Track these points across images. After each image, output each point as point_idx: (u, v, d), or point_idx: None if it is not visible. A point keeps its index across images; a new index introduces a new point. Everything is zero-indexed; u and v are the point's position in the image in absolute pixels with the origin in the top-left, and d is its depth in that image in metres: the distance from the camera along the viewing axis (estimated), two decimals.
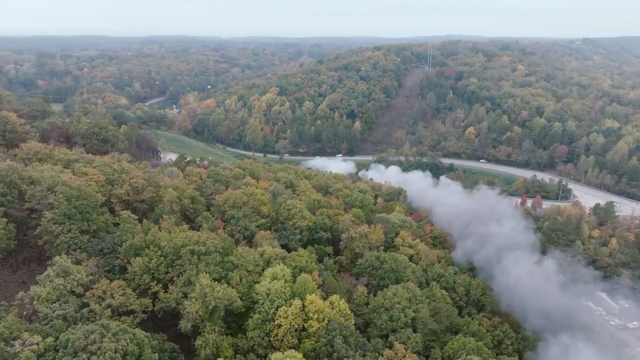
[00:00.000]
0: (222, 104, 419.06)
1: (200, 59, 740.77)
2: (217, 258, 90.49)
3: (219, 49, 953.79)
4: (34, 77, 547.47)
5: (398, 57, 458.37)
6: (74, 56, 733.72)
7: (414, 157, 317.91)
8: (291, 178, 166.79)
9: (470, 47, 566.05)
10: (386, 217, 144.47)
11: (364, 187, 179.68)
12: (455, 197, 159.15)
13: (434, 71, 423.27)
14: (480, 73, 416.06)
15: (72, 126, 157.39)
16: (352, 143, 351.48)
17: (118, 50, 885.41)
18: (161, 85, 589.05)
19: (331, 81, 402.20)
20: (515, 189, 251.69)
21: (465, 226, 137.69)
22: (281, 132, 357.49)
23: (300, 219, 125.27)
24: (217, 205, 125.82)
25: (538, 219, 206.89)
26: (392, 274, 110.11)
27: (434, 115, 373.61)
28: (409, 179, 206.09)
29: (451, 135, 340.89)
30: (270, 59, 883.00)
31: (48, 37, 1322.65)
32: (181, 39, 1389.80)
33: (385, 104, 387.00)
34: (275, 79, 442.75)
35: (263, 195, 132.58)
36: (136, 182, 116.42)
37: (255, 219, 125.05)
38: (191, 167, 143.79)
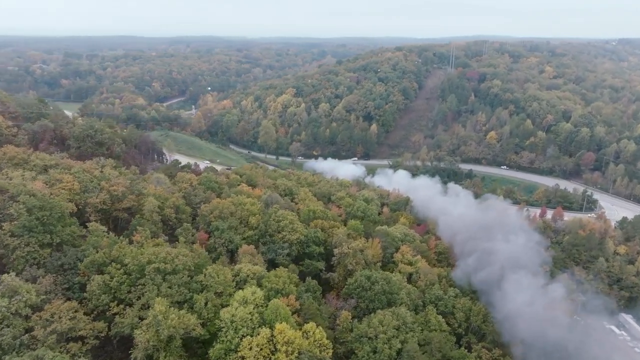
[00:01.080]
0: (238, 104, 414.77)
1: (222, 59, 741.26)
2: (184, 278, 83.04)
3: (242, 49, 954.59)
4: (58, 77, 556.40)
5: (419, 58, 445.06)
6: (100, 56, 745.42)
7: (431, 162, 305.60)
8: (290, 185, 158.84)
9: (497, 48, 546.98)
10: (386, 230, 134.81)
11: (369, 196, 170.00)
12: (461, 206, 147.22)
13: (455, 72, 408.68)
14: (505, 75, 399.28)
15: (66, 128, 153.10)
16: (367, 146, 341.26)
17: (144, 50, 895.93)
18: (181, 85, 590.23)
19: (349, 82, 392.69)
20: (536, 198, 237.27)
21: (468, 241, 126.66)
22: (296, 134, 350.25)
23: (290, 232, 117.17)
24: (203, 216, 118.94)
25: (558, 233, 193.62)
26: (384, 296, 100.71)
27: (454, 118, 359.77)
28: (417, 185, 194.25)
29: (471, 139, 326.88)
30: (293, 59, 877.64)
31: (80, 37, 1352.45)
32: (208, 39, 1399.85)
33: (404, 106, 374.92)
34: (293, 80, 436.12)
35: (253, 205, 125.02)
36: (116, 190, 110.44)
37: (243, 230, 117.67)
38: (182, 173, 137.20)
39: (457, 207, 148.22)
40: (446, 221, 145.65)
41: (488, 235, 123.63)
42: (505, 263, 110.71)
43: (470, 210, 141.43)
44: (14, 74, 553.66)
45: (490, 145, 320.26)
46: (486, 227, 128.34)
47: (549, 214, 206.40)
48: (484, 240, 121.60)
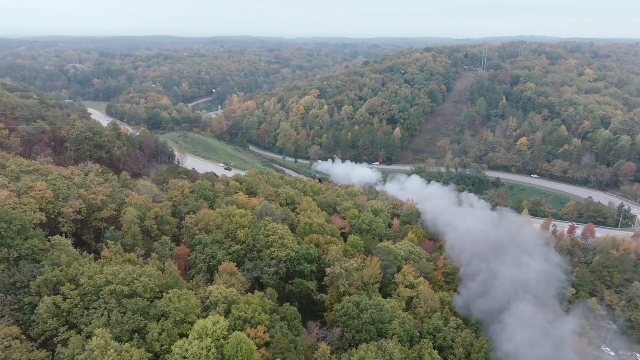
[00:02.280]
0: (261, 106, 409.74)
1: (252, 60, 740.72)
2: (143, 302, 75.34)
3: (274, 50, 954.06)
4: (90, 76, 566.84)
5: (449, 60, 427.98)
6: (133, 55, 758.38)
7: (456, 169, 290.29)
8: (293, 194, 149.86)
9: (534, 50, 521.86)
10: (388, 247, 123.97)
11: (378, 206, 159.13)
12: (470, 220, 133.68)
13: (487, 75, 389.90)
14: (540, 78, 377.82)
15: (64, 131, 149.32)
16: (390, 151, 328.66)
17: (178, 51, 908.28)
18: (209, 85, 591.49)
19: (374, 84, 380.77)
20: (566, 212, 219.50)
21: (473, 261, 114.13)
22: (317, 137, 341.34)
23: (280, 248, 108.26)
24: (187, 228, 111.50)
25: (588, 252, 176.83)
26: (373, 326, 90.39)
27: (483, 123, 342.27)
28: (427, 194, 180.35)
29: (500, 145, 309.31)
30: (324, 60, 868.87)
31: (123, 37, 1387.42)
32: (244, 39, 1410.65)
33: (430, 110, 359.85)
34: (317, 82, 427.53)
35: (243, 217, 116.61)
36: (95, 199, 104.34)
37: (229, 245, 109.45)
38: (175, 180, 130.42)
39: (467, 220, 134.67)
40: (453, 237, 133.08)
41: (497, 256, 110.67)
42: (512, 290, 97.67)
43: (481, 225, 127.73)
44: (49, 74, 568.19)
45: (521, 153, 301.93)
46: (496, 246, 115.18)
47: (579, 230, 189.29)
48: (492, 261, 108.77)
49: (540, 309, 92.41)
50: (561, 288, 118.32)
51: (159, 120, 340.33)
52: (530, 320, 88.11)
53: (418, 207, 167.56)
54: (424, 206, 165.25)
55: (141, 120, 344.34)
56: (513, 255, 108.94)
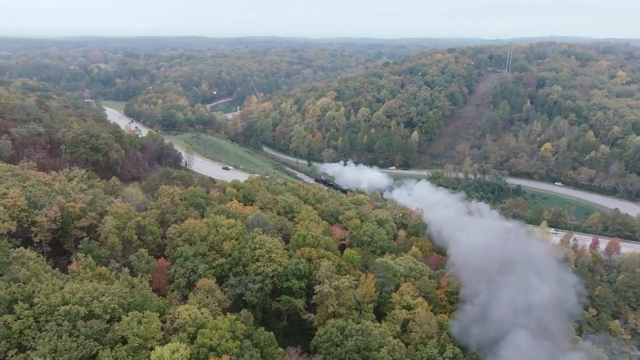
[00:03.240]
0: (278, 107, 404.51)
1: (273, 60, 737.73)
2: (99, 325, 69.35)
3: (298, 50, 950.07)
4: (113, 76, 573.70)
5: (472, 61, 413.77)
6: (157, 56, 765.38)
7: (475, 175, 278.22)
8: (291, 202, 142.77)
9: (563, 50, 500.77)
10: (387, 262, 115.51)
11: (383, 216, 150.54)
12: (475, 233, 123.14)
13: (511, 77, 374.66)
14: (567, 80, 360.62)
15: (59, 133, 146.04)
16: (407, 155, 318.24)
17: (204, 51, 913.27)
18: (229, 86, 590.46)
19: (392, 86, 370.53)
20: (590, 224, 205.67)
21: (473, 279, 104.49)
22: (332, 140, 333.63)
23: (266, 263, 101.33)
24: (170, 239, 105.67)
25: (611, 269, 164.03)
26: (358, 354, 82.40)
27: (505, 127, 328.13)
28: (434, 202, 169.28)
29: (523, 151, 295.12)
30: (347, 60, 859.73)
31: (149, 37, 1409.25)
32: (270, 39, 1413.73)
33: (450, 113, 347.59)
34: (335, 83, 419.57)
35: (231, 228, 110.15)
36: (73, 207, 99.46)
37: (213, 258, 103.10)
38: (165, 187, 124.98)
39: (471, 232, 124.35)
40: (455, 251, 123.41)
41: (501, 275, 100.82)
42: (513, 316, 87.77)
43: (486, 238, 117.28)
44: (73, 73, 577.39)
45: (545, 159, 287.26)
46: (500, 263, 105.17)
47: (603, 245, 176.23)
48: (494, 281, 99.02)
49: (543, 340, 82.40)
50: (574, 314, 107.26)
51: (173, 121, 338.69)
52: (528, 353, 78.25)
53: (424, 216, 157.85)
54: (429, 215, 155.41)
55: (156, 120, 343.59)
56: (519, 275, 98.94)
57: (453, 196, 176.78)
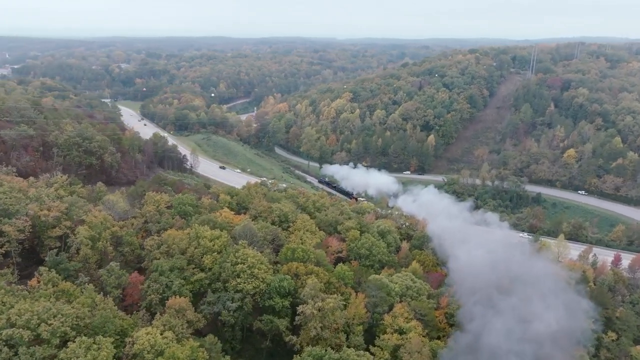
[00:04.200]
0: (293, 108, 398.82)
1: (293, 60, 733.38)
2: (45, 352, 63.61)
3: (319, 50, 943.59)
4: (133, 76, 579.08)
5: (494, 62, 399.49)
6: (178, 56, 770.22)
7: (492, 182, 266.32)
8: (287, 211, 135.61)
9: (592, 51, 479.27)
10: (381, 281, 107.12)
11: (385, 227, 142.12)
12: (476, 247, 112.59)
13: (534, 79, 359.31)
14: (595, 82, 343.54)
15: (52, 136, 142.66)
16: (423, 159, 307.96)
17: (226, 51, 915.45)
18: (247, 86, 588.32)
19: (409, 88, 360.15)
20: (613, 237, 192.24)
21: (469, 302, 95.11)
22: (346, 143, 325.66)
23: (247, 279, 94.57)
24: (147, 251, 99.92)
25: (635, 288, 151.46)
26: None
27: (527, 131, 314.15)
28: (439, 211, 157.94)
29: (545, 157, 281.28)
30: (369, 61, 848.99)
31: (174, 38, 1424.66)
32: (294, 40, 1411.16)
33: (469, 116, 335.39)
34: (352, 84, 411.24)
35: (215, 240, 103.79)
36: (46, 215, 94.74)
37: (192, 272, 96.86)
38: (151, 193, 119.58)
39: (471, 246, 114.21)
40: (454, 267, 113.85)
41: (500, 297, 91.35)
42: (508, 348, 78.32)
43: (488, 254, 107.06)
44: (95, 73, 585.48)
45: (567, 166, 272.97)
46: (500, 284, 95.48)
47: (626, 261, 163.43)
48: (491, 304, 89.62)
49: None
50: (586, 342, 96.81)
51: (186, 122, 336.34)
52: None
53: (426, 227, 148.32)
54: (432, 226, 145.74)
55: (169, 121, 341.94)
56: (520, 298, 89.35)
57: (460, 205, 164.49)
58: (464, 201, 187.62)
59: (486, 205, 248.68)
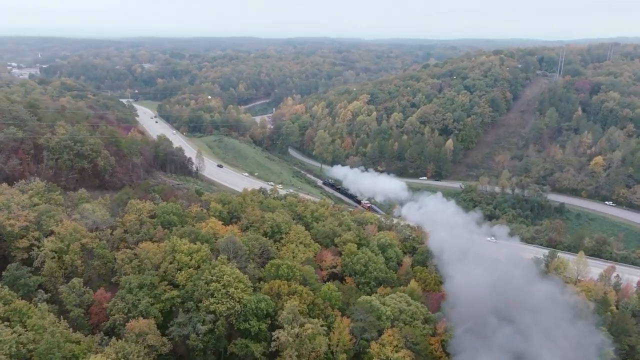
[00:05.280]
0: (309, 109, 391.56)
1: (315, 61, 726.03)
2: None
3: (343, 51, 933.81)
4: (155, 76, 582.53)
5: (519, 63, 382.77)
6: (201, 56, 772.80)
7: (512, 190, 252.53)
8: (280, 221, 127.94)
9: (626, 53, 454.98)
10: (371, 303, 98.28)
11: (386, 240, 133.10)
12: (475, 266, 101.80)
13: (562, 81, 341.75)
14: (628, 86, 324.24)
15: (43, 138, 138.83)
16: (440, 165, 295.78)
17: (251, 52, 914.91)
18: (267, 87, 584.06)
19: (429, 90, 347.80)
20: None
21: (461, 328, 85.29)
22: (361, 146, 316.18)
23: (222, 299, 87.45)
24: (119, 266, 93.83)
25: None
26: None
27: (552, 137, 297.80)
28: (442, 221, 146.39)
29: (570, 164, 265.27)
30: (393, 62, 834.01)
31: (202, 38, 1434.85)
32: (320, 40, 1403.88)
33: (490, 120, 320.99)
34: (370, 85, 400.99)
35: (193, 254, 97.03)
36: (12, 225, 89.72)
37: (163, 290, 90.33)
38: (134, 201, 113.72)
39: (471, 265, 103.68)
40: (449, 289, 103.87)
41: (495, 326, 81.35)
42: None
43: (486, 275, 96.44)
44: (117, 73, 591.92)
45: (594, 174, 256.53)
46: (497, 311, 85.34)
47: None
48: (485, 335, 79.74)
49: None
50: None
51: (200, 123, 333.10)
52: None
53: (428, 240, 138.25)
54: (432, 239, 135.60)
55: (183, 122, 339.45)
56: (517, 329, 79.19)
57: (467, 215, 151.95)
58: (475, 210, 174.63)
59: (505, 215, 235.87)
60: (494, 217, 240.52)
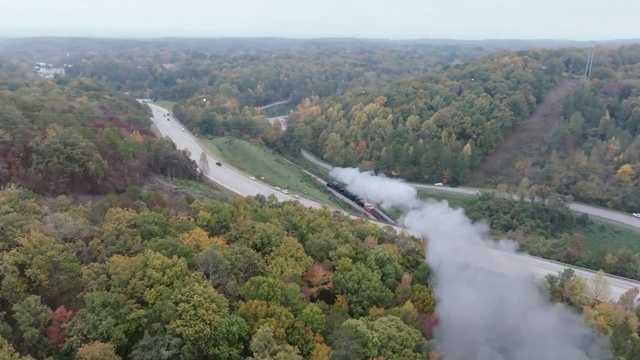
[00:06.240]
0: (325, 111, 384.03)
1: (336, 62, 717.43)
2: None
3: (366, 51, 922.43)
4: (175, 76, 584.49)
5: (544, 65, 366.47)
6: (222, 56, 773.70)
7: (532, 199, 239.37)
8: (271, 233, 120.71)
9: None
10: (356, 328, 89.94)
11: (385, 254, 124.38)
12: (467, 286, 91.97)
13: (589, 84, 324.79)
14: None
15: (32, 141, 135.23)
16: (457, 170, 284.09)
17: (274, 52, 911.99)
18: (286, 88, 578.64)
19: (447, 92, 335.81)
20: None
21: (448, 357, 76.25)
22: (375, 150, 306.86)
23: (190, 321, 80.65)
24: (85, 281, 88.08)
25: None
26: None
27: (576, 143, 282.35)
28: (444, 231, 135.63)
29: (595, 172, 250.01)
30: (416, 62, 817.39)
31: (228, 38, 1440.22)
32: (344, 41, 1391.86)
33: (511, 124, 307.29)
34: (388, 87, 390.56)
35: (166, 270, 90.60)
36: None
37: (129, 309, 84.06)
38: (114, 210, 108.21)
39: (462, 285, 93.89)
40: (442, 312, 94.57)
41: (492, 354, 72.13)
42: None
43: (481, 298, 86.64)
44: (138, 73, 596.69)
45: (622, 183, 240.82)
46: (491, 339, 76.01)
47: None
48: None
49: None
50: None
51: (212, 124, 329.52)
52: None
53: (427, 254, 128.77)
54: (430, 253, 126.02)
55: (195, 123, 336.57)
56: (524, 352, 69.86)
57: (472, 226, 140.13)
58: (481, 221, 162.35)
59: (522, 226, 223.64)
60: (511, 227, 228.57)
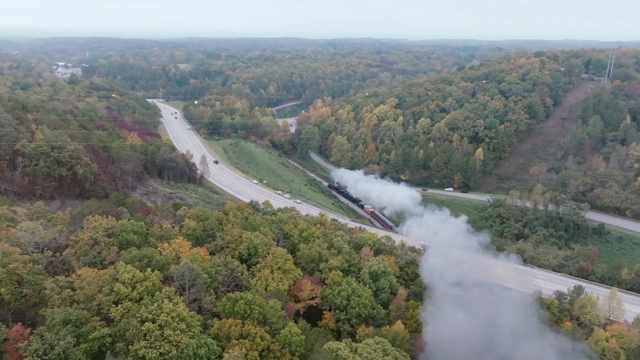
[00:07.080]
0: (335, 113, 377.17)
1: (351, 62, 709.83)
2: None
3: (382, 52, 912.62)
4: (188, 76, 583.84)
5: (562, 67, 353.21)
6: (237, 57, 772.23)
7: (545, 206, 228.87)
8: (258, 243, 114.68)
9: None
10: (337, 351, 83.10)
11: (380, 267, 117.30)
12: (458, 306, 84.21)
13: (609, 87, 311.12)
14: None
15: (18, 144, 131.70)
16: (469, 175, 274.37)
17: (291, 52, 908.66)
18: (299, 88, 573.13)
19: (460, 94, 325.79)
20: None
21: None
22: (384, 153, 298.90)
23: (155, 342, 75.07)
24: (48, 296, 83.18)
25: None
26: None
27: (594, 148, 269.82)
28: (442, 240, 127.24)
29: (614, 179, 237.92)
30: (432, 63, 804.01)
31: (246, 38, 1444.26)
32: (364, 41, 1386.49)
33: (526, 128, 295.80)
34: (399, 89, 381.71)
35: (137, 284, 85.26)
36: None
37: (92, 327, 78.84)
38: (92, 217, 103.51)
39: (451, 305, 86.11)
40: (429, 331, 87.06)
41: None
42: None
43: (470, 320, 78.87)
44: (152, 73, 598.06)
45: None
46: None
47: None
48: None
49: None
50: None
51: (219, 126, 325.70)
52: None
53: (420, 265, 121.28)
54: (423, 266, 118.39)
55: (203, 124, 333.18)
56: None
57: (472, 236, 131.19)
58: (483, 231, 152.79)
59: (534, 235, 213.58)
60: (523, 236, 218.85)
